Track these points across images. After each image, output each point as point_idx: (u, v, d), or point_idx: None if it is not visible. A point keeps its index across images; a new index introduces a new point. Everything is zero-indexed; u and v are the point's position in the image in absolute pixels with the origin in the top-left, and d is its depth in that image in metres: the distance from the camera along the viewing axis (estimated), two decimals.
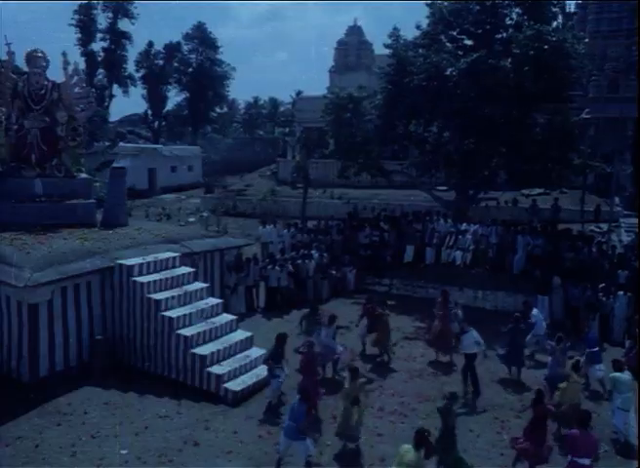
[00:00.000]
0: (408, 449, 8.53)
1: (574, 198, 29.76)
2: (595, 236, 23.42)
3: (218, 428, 11.60)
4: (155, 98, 66.96)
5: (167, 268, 14.91)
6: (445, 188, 28.79)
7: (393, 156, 31.16)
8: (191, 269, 15.33)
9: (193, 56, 68.48)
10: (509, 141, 22.45)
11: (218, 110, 72.22)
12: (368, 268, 21.79)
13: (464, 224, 22.44)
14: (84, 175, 18.81)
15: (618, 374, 11.66)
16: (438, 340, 15.64)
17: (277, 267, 19.02)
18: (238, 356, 13.90)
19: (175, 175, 46.52)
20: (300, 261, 20.02)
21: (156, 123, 68.53)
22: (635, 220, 27.22)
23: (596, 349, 14.12)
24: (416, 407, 12.75)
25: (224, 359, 13.57)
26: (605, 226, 26.63)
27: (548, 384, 12.42)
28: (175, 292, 14.22)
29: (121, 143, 42.14)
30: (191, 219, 31.87)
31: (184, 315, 13.78)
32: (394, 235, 22.50)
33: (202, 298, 14.81)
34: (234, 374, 13.23)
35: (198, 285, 15.10)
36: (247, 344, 14.36)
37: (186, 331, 13.47)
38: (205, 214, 31.35)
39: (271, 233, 23.02)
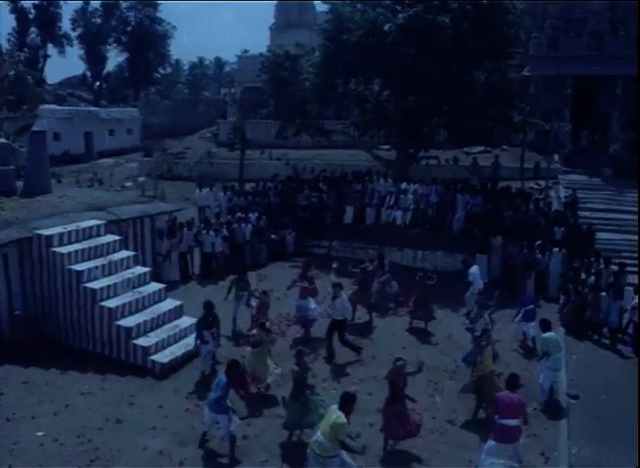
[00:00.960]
0: (333, 410, 8.33)
1: (514, 155, 29.74)
2: (533, 194, 23.50)
3: (143, 403, 11.13)
4: (94, 59, 63.87)
5: (90, 237, 14.16)
6: (387, 147, 28.44)
7: (337, 116, 30.55)
8: (117, 237, 14.62)
9: (132, 13, 65.54)
10: (449, 99, 22.08)
11: (161, 71, 69.71)
12: (307, 230, 21.37)
13: (405, 184, 22.17)
14: (1, 140, 17.67)
15: (547, 335, 11.60)
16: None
17: (211, 232, 18.41)
18: (167, 326, 13.40)
19: (113, 139, 44.69)
20: (235, 225, 19.44)
21: (96, 85, 65.75)
22: (575, 177, 27.57)
23: (531, 307, 14.12)
24: (350, 372, 12.54)
25: (152, 330, 13.06)
26: (544, 183, 26.80)
27: (465, 364, 12.25)
28: (98, 263, 13.53)
29: (52, 106, 40.17)
30: (128, 184, 30.72)
31: (109, 286, 13.15)
32: (333, 196, 22.08)
33: (128, 267, 14.16)
34: (162, 346, 12.75)
35: (124, 253, 14.42)
36: (176, 313, 13.84)
37: (110, 303, 12.86)
38: (141, 179, 30.24)
39: (208, 197, 22.29)
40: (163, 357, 12.40)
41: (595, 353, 14.03)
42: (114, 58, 66.12)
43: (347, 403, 8.37)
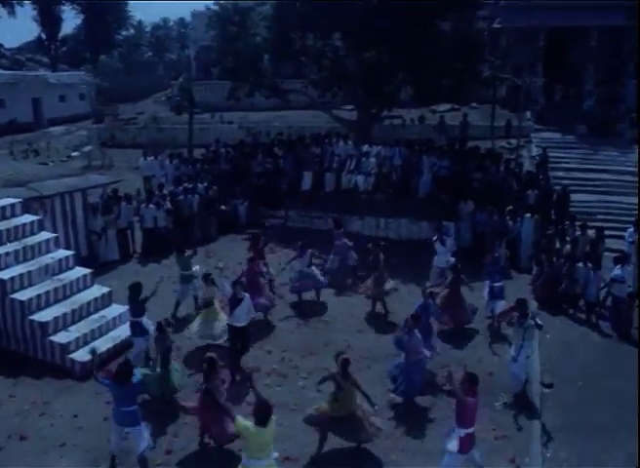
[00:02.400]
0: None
1: (484, 113, 28.23)
2: (504, 154, 22.03)
3: (56, 413, 9.61)
4: (48, 21, 60.17)
5: (3, 218, 12.37)
6: (349, 108, 26.72)
7: (295, 75, 28.64)
8: (35, 217, 12.85)
9: None
10: (413, 53, 20.34)
11: (123, 33, 66.33)
12: (261, 200, 19.73)
13: (367, 146, 20.59)
14: None
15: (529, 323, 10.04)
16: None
17: (152, 205, 16.69)
18: (92, 317, 11.80)
19: (64, 105, 41.98)
20: (181, 197, 17.72)
21: (53, 48, 62.20)
22: (548, 134, 26.19)
23: (500, 284, 12.70)
24: (298, 363, 11.13)
25: (73, 323, 11.45)
26: (516, 142, 25.38)
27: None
28: (10, 248, 11.79)
29: None
30: (74, 154, 28.61)
31: (21, 274, 11.45)
32: (290, 161, 20.40)
33: (48, 252, 12.45)
34: (85, 341, 11.16)
35: (44, 236, 12.68)
36: (104, 302, 12.24)
37: (23, 295, 11.19)
38: (88, 148, 28.14)
39: (153, 166, 20.49)
40: (85, 354, 10.78)
41: (571, 330, 12.74)
42: (72, 19, 62.65)
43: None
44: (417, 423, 9.26)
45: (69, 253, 12.79)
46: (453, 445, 7.48)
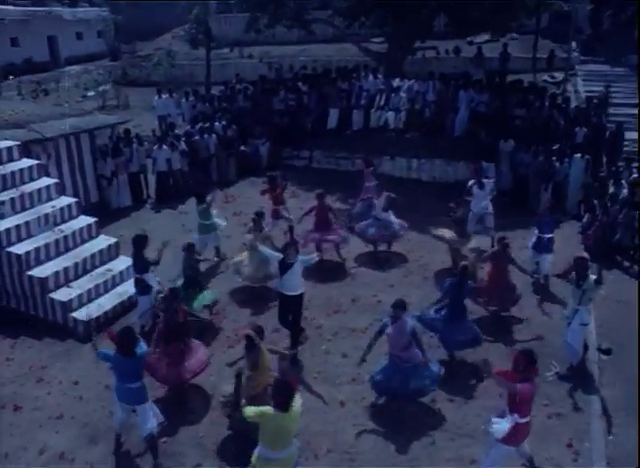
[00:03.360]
0: None
1: (525, 44, 26.15)
2: (549, 88, 20.14)
3: (54, 379, 8.72)
4: None
5: None
6: (379, 40, 24.84)
7: (321, 4, 26.62)
8: (34, 162, 11.72)
9: None
10: None
11: None
12: (284, 140, 18.33)
13: (397, 80, 18.92)
14: None
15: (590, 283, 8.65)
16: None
17: (165, 146, 15.45)
18: (97, 271, 10.80)
19: (81, 44, 40.32)
20: (197, 137, 16.43)
21: None
22: (595, 67, 24.11)
23: (550, 236, 11.24)
24: (322, 322, 10.04)
25: (76, 278, 10.47)
26: (560, 75, 23.39)
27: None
28: (5, 196, 10.72)
29: (1, 6, 35.71)
30: (90, 94, 27.30)
31: (18, 225, 10.41)
32: (315, 97, 18.84)
33: (49, 199, 11.37)
34: (88, 298, 10.21)
35: (44, 181, 11.57)
36: (111, 254, 11.22)
37: (20, 248, 10.17)
38: (103, 87, 26.77)
39: (167, 104, 19.14)
40: (89, 313, 9.86)
41: (628, 286, 11.30)
42: None
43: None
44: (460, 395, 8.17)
45: (72, 200, 11.69)
46: (499, 431, 6.33)
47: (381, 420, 7.72)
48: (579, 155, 14.46)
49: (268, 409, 5.81)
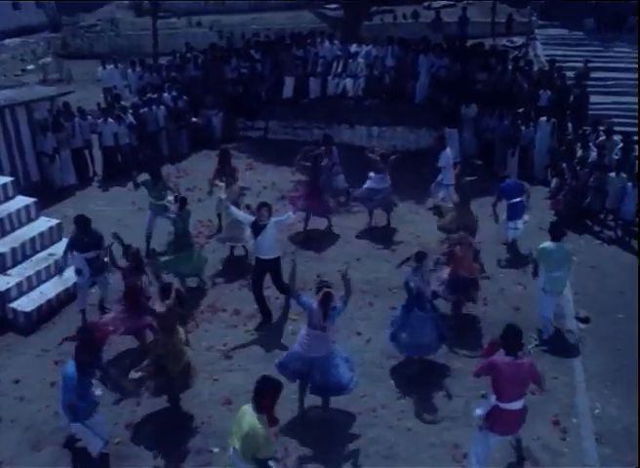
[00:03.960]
0: (246, 411, 5.16)
1: (483, 9, 25.59)
2: (510, 52, 19.63)
3: None
4: None
5: None
6: (335, 6, 23.94)
7: None
8: None
9: None
10: None
11: None
12: (238, 110, 17.42)
13: (355, 46, 18.14)
14: None
15: (547, 245, 8.21)
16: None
17: (111, 120, 14.41)
18: (38, 256, 9.89)
19: (19, 15, 38.08)
20: (145, 109, 15.42)
21: None
22: (553, 31, 23.67)
23: (518, 200, 10.79)
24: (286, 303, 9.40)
25: (15, 265, 9.54)
26: (519, 40, 22.95)
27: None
28: None
29: None
30: (29, 68, 25.74)
31: None
32: (269, 65, 17.91)
33: None
34: (28, 286, 9.31)
35: None
36: (53, 236, 10.31)
37: None
38: (44, 60, 25.22)
39: (113, 75, 17.93)
40: (29, 303, 9.01)
41: (600, 251, 11.03)
42: None
43: (265, 395, 5.17)
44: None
45: (8, 179, 10.69)
46: (476, 415, 5.83)
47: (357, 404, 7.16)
48: (544, 118, 13.99)
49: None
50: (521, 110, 14.44)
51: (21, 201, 10.43)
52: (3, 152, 12.64)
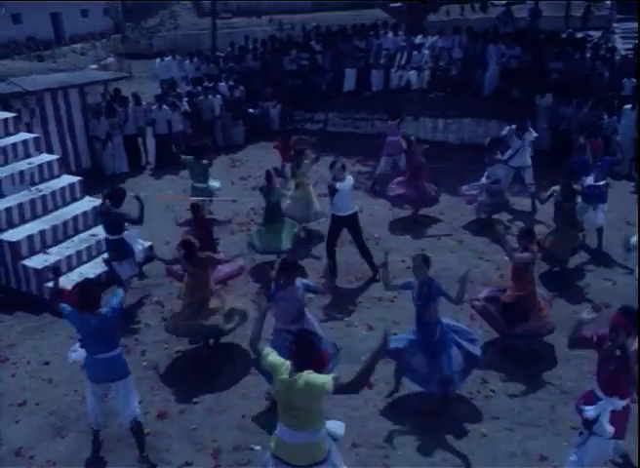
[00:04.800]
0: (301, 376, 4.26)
1: (556, 5, 24.32)
2: (589, 39, 18.29)
3: (22, 359, 7.30)
4: None
5: None
6: (399, 5, 23.10)
7: None
8: (9, 114, 10.27)
9: None
10: None
11: None
12: (297, 102, 16.75)
13: (420, 37, 17.20)
14: None
15: None
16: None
17: (165, 107, 13.94)
18: (80, 236, 9.37)
19: (87, 21, 38.75)
20: (201, 97, 14.92)
21: None
22: (633, 25, 22.18)
23: (601, 183, 9.62)
24: (343, 292, 8.51)
25: (55, 244, 9.02)
26: (596, 34, 21.52)
27: None
28: None
29: None
30: (92, 67, 25.85)
31: None
32: (330, 57, 17.19)
33: (27, 156, 9.93)
34: (69, 265, 8.77)
35: (21, 136, 10.14)
36: (95, 218, 9.72)
37: None
38: (108, 60, 25.32)
39: (170, 66, 17.50)
40: (66, 283, 8.36)
41: None
42: None
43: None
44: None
45: (54, 157, 10.24)
46: (600, 423, 4.75)
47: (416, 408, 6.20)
48: (629, 106, 12.76)
49: (283, 362, 4.31)
50: (604, 97, 13.21)
51: (66, 179, 9.96)
52: (54, 136, 12.30)
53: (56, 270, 6.21)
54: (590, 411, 4.78)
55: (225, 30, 25.67)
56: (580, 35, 21.27)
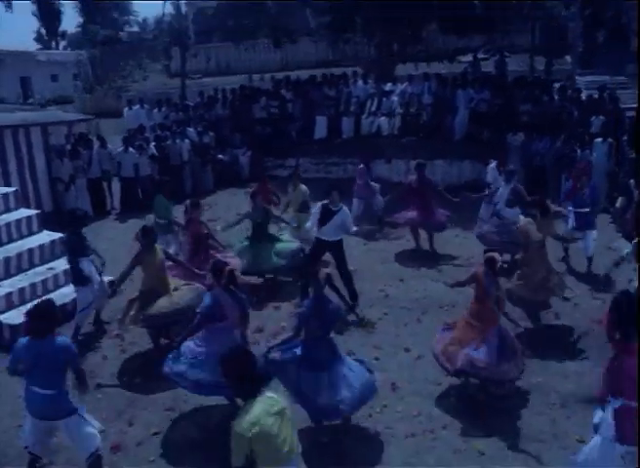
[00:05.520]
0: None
1: (519, 62, 25.01)
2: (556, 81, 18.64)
3: None
4: (48, 16, 57.58)
5: None
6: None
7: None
8: None
9: None
10: None
11: (127, 29, 63.47)
12: (267, 149, 16.53)
13: (389, 84, 17.31)
14: None
15: None
16: None
17: (131, 149, 13.57)
18: (35, 270, 8.72)
19: (56, 85, 39.05)
20: (169, 142, 14.60)
21: (53, 43, 59.39)
22: (594, 77, 22.78)
23: (586, 210, 9.44)
24: None
25: (8, 276, 8.37)
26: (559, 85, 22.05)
27: None
28: None
29: None
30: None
31: None
32: (300, 105, 17.17)
33: None
34: (21, 299, 8.09)
35: None
36: (55, 251, 9.15)
37: None
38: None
39: (139, 115, 17.21)
40: (17, 316, 7.73)
41: None
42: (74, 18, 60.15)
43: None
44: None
45: (10, 189, 9.70)
46: (605, 423, 4.25)
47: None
48: (599, 139, 12.78)
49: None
50: (575, 132, 13.24)
51: (22, 212, 9.40)
52: (14, 175, 11.78)
53: None
54: (596, 417, 4.32)
55: (195, 89, 25.75)
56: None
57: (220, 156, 15.57)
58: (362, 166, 12.37)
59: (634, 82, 21.32)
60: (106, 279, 8.58)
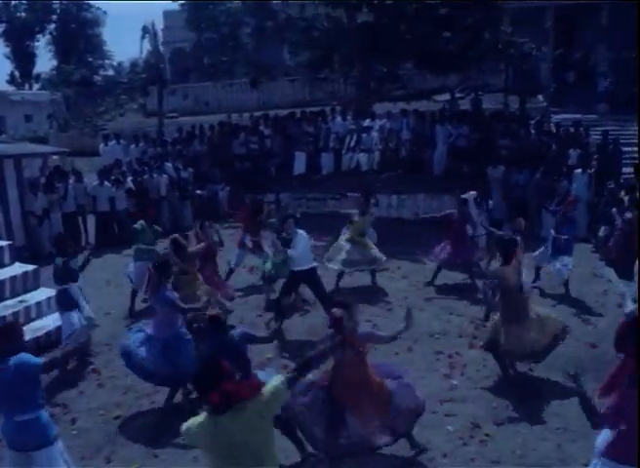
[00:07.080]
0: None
1: (494, 99, 25.45)
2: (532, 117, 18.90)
3: None
4: (22, 57, 57.69)
5: None
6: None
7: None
8: None
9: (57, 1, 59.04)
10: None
11: (101, 73, 63.81)
12: (246, 185, 16.38)
13: (368, 120, 17.39)
14: None
15: None
16: None
17: (107, 183, 13.31)
18: (7, 303, 8.34)
19: (30, 125, 38.80)
20: (146, 176, 14.37)
21: (27, 86, 59.36)
22: (567, 116, 23.25)
23: (565, 237, 9.42)
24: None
25: None
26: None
27: None
28: None
29: None
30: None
31: None
32: (279, 141, 17.14)
33: None
34: None
35: None
36: (27, 283, 8.80)
37: None
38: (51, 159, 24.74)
39: (115, 151, 17.02)
40: None
41: None
42: (44, 51, 60.09)
43: None
44: None
45: None
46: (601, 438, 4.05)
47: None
48: (579, 170, 12.90)
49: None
50: (555, 164, 13.37)
51: None
52: None
53: None
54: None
55: (172, 127, 25.68)
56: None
57: (199, 191, 15.35)
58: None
59: (605, 121, 21.92)
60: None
